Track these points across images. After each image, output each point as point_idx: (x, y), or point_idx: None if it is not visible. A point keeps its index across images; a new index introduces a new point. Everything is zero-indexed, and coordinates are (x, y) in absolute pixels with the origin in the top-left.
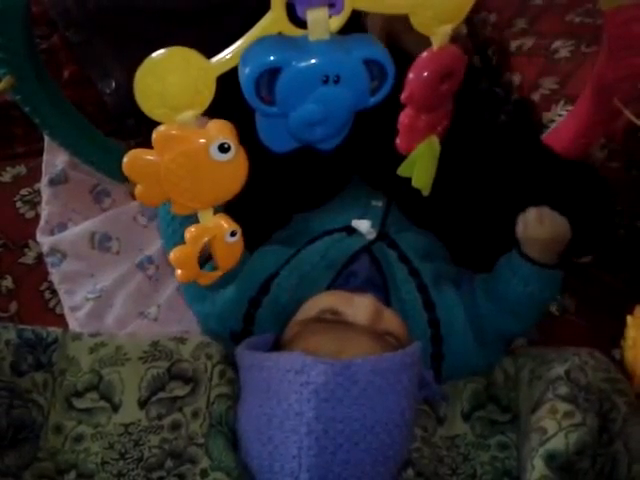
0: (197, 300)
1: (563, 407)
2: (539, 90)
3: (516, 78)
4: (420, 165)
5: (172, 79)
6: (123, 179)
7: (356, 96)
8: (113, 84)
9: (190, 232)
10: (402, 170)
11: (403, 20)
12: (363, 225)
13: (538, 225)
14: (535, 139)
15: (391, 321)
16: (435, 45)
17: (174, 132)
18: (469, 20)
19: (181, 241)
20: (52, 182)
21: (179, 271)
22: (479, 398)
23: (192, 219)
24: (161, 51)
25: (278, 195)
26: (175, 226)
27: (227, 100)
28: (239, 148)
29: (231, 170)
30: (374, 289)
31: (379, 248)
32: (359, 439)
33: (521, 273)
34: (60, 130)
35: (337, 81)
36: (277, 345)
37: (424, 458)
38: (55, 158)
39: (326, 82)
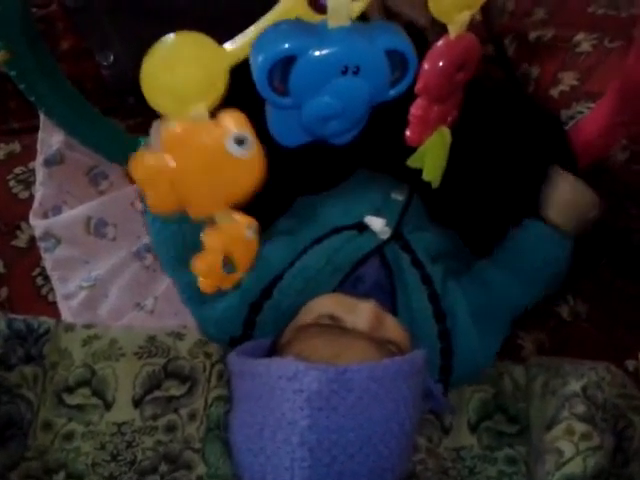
0: (196, 303)
1: (580, 428)
2: (558, 86)
3: (534, 71)
4: (431, 157)
5: (183, 69)
6: (121, 161)
7: (375, 88)
8: (111, 57)
9: (211, 238)
10: (412, 161)
11: None
12: (377, 223)
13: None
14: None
15: (393, 329)
16: (452, 33)
17: (186, 129)
18: (484, 7)
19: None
20: (47, 162)
21: (202, 280)
22: (487, 408)
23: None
24: (170, 37)
25: (279, 178)
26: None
27: (234, 87)
28: (256, 140)
29: (248, 165)
30: (381, 295)
31: (391, 250)
32: (355, 450)
33: (535, 233)
34: (56, 109)
35: (357, 72)
36: (273, 350)
37: (428, 470)
38: (50, 137)
39: (345, 73)
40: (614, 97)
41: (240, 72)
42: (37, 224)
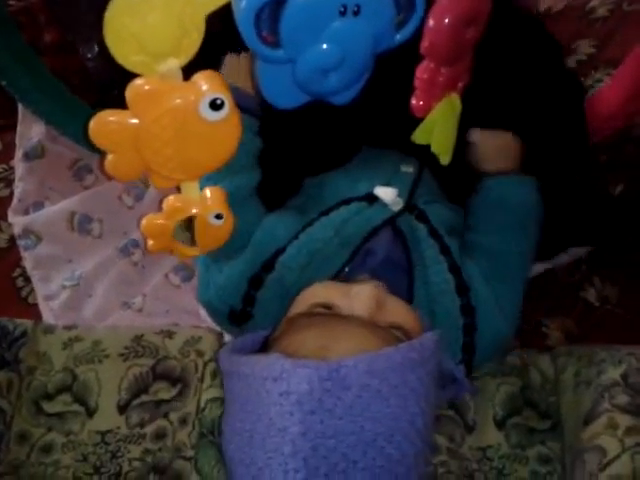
0: (206, 263)
1: (624, 421)
2: (574, 55)
3: None
4: (440, 128)
5: (153, 18)
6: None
7: (379, 31)
8: (96, 48)
9: (169, 204)
10: (418, 136)
11: None
12: (388, 193)
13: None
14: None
15: (397, 311)
16: None
17: (155, 87)
18: None
19: None
20: (27, 156)
21: (150, 241)
22: (514, 402)
23: None
24: None
25: (284, 156)
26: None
27: (216, 41)
28: (233, 104)
29: (223, 131)
30: (395, 271)
31: (405, 221)
32: (358, 456)
33: (490, 186)
34: (32, 94)
35: (357, 12)
36: (265, 345)
37: (451, 473)
38: (30, 129)
39: (344, 14)
40: (635, 63)
41: (223, 24)
42: (16, 221)
